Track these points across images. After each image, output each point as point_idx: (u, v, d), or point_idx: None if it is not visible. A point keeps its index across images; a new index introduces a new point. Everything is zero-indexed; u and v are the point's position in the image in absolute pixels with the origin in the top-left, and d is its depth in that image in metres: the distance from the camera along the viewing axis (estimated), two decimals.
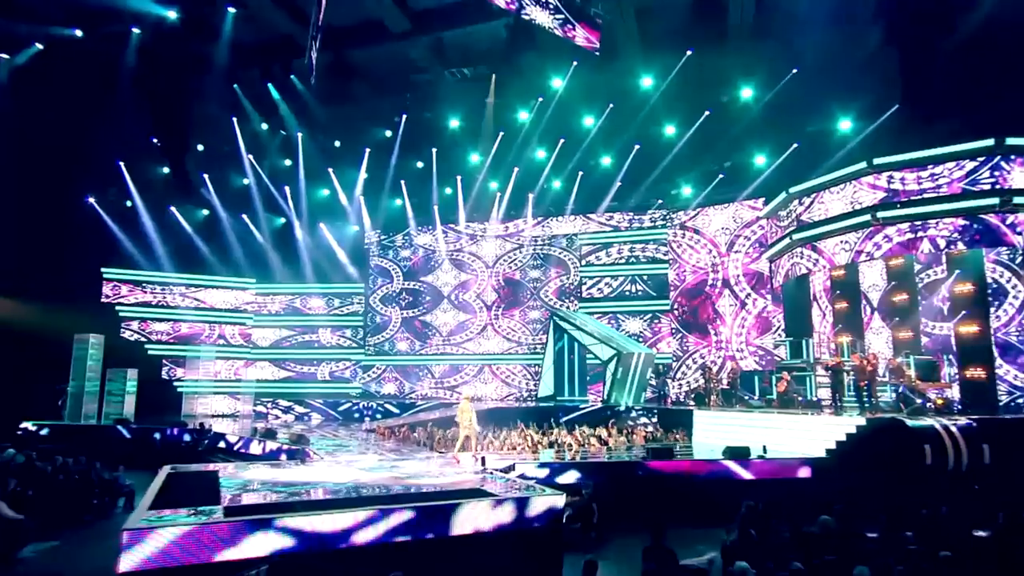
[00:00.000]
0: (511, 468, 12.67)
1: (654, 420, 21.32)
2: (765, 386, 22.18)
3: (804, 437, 15.04)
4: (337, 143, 25.93)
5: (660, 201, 27.63)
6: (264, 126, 24.62)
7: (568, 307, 30.03)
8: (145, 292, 29.84)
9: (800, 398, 19.91)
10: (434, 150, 26.24)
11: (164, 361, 29.75)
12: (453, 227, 32.15)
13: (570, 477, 13.24)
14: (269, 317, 32.11)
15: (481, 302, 31.51)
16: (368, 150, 26.25)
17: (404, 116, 23.92)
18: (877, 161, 17.90)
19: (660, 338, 28.18)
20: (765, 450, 14.22)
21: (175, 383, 29.35)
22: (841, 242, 19.71)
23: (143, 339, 29.62)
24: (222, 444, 20.17)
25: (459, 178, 28.04)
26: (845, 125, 19.78)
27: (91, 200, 27.39)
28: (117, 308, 29.22)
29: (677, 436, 19.14)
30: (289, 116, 23.32)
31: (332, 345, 32.23)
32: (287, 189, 28.71)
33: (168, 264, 29.53)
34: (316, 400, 29.13)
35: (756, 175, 23.60)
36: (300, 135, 25.24)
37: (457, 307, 31.83)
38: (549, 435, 19.44)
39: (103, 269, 28.79)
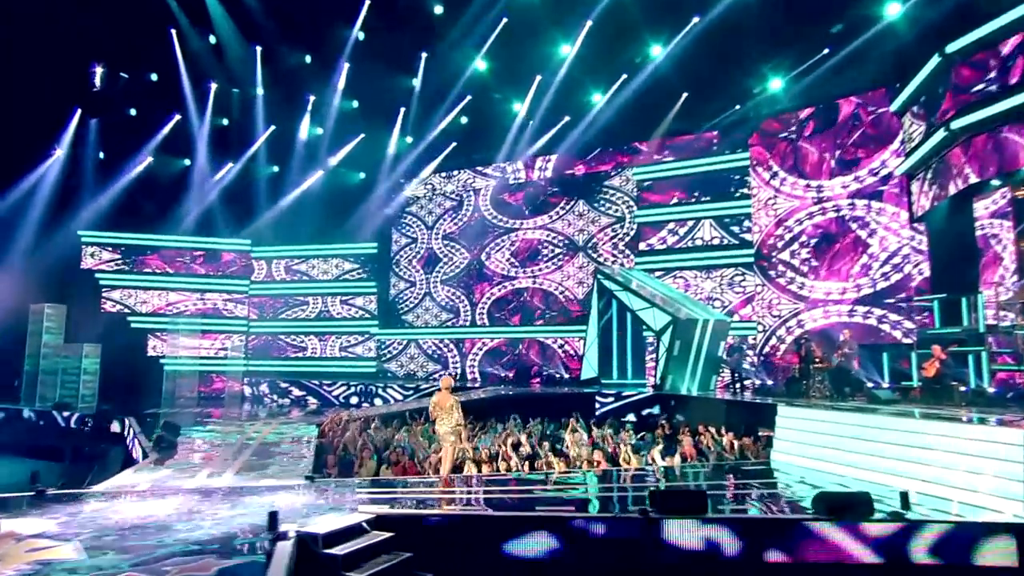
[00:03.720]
0: (339, 536, 6.39)
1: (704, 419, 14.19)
2: (902, 367, 14.51)
3: (988, 468, 7.60)
4: (307, 58, 20.27)
5: (738, 107, 19.72)
6: (212, 39, 19.40)
7: (623, 264, 23.00)
8: (129, 257, 25.97)
9: (964, 388, 12.11)
10: (423, 55, 19.89)
11: (152, 336, 25.77)
12: (480, 170, 25.83)
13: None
14: (268, 285, 27.42)
15: (518, 261, 25.04)
16: (348, 65, 20.34)
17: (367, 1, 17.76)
18: None
19: (744, 299, 20.54)
20: (906, 502, 7.00)
21: (161, 361, 25.29)
22: None
23: (126, 311, 25.75)
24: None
25: (468, 98, 21.55)
26: None
27: (57, 152, 23.44)
28: (97, 276, 25.50)
29: (749, 445, 12.03)
30: (223, 20, 17.86)
31: (342, 317, 27.08)
32: (273, 128, 23.54)
33: (152, 225, 25.46)
34: (313, 381, 24.10)
35: (884, 41, 15.25)
36: (259, 50, 19.78)
37: (490, 269, 25.54)
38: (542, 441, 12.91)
39: (81, 233, 25.01)
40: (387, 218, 26.50)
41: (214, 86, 20.98)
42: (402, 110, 22.66)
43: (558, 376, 23.17)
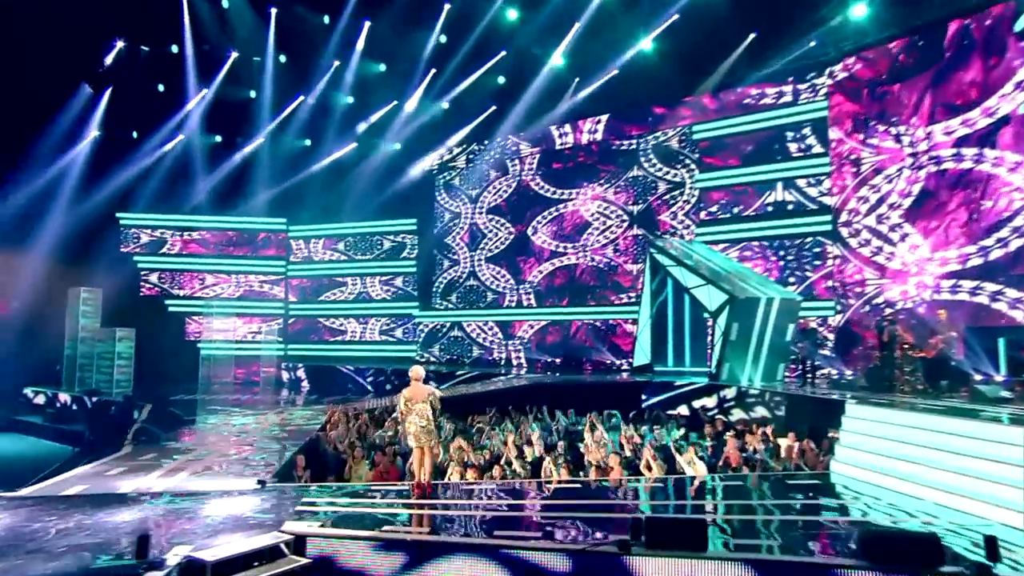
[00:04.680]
0: (237, 563, 4.87)
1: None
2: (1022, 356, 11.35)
3: None
4: (326, 18, 18.78)
5: (813, 43, 16.49)
6: (225, 3, 18.28)
7: (683, 236, 20.29)
8: (166, 239, 25.74)
9: None
10: (446, 6, 17.90)
11: (189, 320, 25.46)
12: (523, 135, 23.51)
13: None
14: (306, 265, 26.52)
15: (566, 235, 22.72)
16: (368, 23, 18.70)
17: None
18: None
19: (821, 274, 17.43)
20: (994, 550, 4.50)
21: (198, 345, 24.92)
22: None
23: (163, 294, 25.54)
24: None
25: (502, 53, 19.39)
26: None
27: (95, 134, 23.30)
28: (135, 259, 25.40)
29: (809, 450, 9.47)
30: None
31: (382, 298, 25.81)
32: (301, 98, 22.38)
33: (186, 205, 25.06)
34: (347, 367, 22.94)
35: None
36: (274, 11, 18.48)
37: (537, 245, 23.37)
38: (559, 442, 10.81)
39: (119, 215, 24.95)
40: (423, 190, 24.86)
41: (234, 55, 19.94)
42: (432, 71, 20.80)
43: (608, 363, 20.83)
